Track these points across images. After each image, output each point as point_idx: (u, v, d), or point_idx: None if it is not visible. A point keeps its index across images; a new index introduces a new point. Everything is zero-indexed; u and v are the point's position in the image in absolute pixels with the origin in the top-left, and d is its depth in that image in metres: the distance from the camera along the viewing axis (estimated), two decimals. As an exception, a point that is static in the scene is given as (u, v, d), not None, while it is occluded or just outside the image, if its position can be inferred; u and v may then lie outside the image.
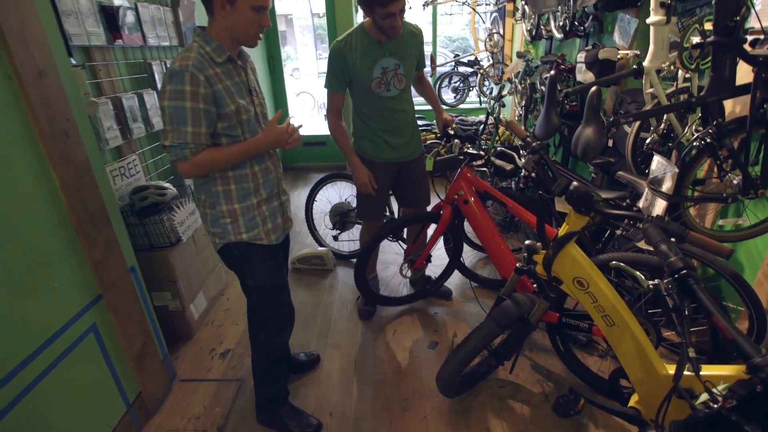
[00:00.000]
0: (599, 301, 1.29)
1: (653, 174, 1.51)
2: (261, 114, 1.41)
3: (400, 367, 2.00)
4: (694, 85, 1.66)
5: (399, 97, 1.96)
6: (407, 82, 1.96)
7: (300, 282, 2.74)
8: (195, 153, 1.23)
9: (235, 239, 1.39)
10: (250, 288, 1.49)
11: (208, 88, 1.19)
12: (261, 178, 1.39)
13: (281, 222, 1.50)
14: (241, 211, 1.37)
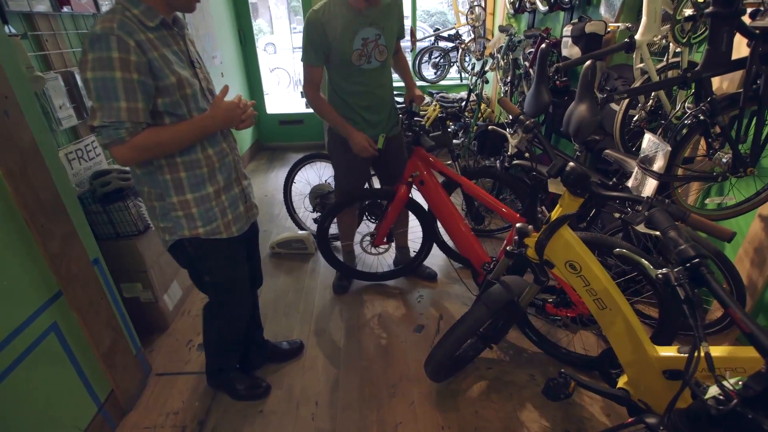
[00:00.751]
0: (592, 285, 1.26)
1: (644, 152, 1.47)
2: (207, 90, 1.25)
3: (386, 353, 1.97)
4: (685, 59, 1.62)
5: (379, 69, 1.85)
6: (388, 54, 1.84)
7: (280, 267, 2.65)
8: (133, 133, 1.04)
9: (190, 234, 1.25)
10: (207, 283, 1.40)
11: (141, 56, 1.01)
12: (216, 162, 1.24)
13: (243, 210, 1.37)
14: (195, 202, 1.23)
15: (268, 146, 4.98)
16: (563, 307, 1.69)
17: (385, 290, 2.40)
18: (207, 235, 1.27)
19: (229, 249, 1.35)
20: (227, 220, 1.30)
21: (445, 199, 1.89)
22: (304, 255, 2.75)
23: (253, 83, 4.60)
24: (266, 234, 3.04)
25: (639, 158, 1.50)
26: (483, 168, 2.71)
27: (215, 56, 3.63)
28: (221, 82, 3.76)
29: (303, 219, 2.99)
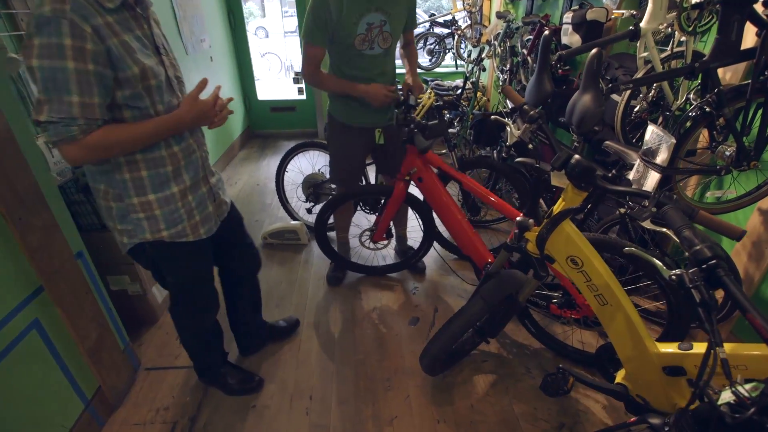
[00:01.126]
0: (593, 280, 1.23)
1: (647, 145, 1.43)
2: (175, 78, 1.14)
3: (381, 346, 1.94)
4: (689, 49, 1.58)
5: (382, 56, 1.78)
6: (393, 42, 1.77)
7: (273, 258, 2.60)
8: (87, 131, 0.92)
9: (152, 238, 1.16)
10: (169, 283, 1.35)
11: (99, 44, 0.89)
12: (182, 159, 1.14)
13: (212, 210, 1.29)
14: (158, 203, 1.13)
15: (260, 134, 4.87)
16: (567, 308, 1.67)
17: (380, 282, 2.37)
18: (172, 238, 1.18)
19: (195, 251, 1.27)
20: (194, 222, 1.22)
21: (446, 197, 1.84)
22: (297, 246, 2.70)
23: (243, 68, 4.47)
24: (258, 224, 2.98)
25: (641, 150, 1.46)
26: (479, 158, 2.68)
27: (204, 39, 3.50)
28: (210, 67, 3.64)
29: (296, 209, 2.92)
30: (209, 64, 3.63)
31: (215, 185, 1.31)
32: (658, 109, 1.82)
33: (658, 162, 1.38)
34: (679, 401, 1.22)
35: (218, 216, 1.34)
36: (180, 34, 3.06)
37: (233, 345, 1.89)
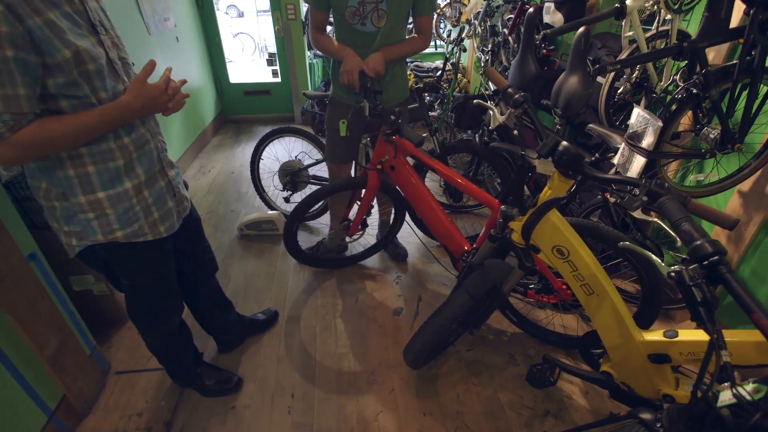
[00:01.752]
0: (579, 270, 1.20)
1: (633, 128, 1.40)
2: (119, 60, 1.01)
3: (364, 338, 1.90)
4: (675, 28, 1.53)
5: (373, 35, 1.66)
6: (390, 22, 1.64)
7: (249, 250, 2.50)
8: (15, 128, 0.81)
9: (105, 239, 1.06)
10: (125, 286, 1.24)
11: (17, 24, 0.76)
12: (134, 151, 1.03)
13: (173, 205, 1.18)
14: (109, 202, 1.02)
15: (233, 119, 4.67)
16: (545, 293, 1.65)
17: (362, 272, 2.31)
18: (128, 238, 1.08)
19: (155, 250, 1.17)
20: (153, 219, 1.12)
21: (420, 185, 1.76)
22: (276, 236, 2.60)
23: (213, 49, 4.24)
24: (234, 214, 2.86)
25: (627, 134, 1.42)
26: (461, 142, 2.61)
27: (168, 18, 3.28)
28: (176, 48, 3.42)
29: (273, 198, 2.82)
30: (175, 44, 3.41)
31: (174, 179, 1.20)
32: (641, 91, 1.79)
33: (644, 146, 1.35)
34: (664, 388, 1.21)
35: (179, 212, 1.24)
36: (141, 12, 2.84)
37: (211, 342, 1.81)
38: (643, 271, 1.44)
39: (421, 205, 1.80)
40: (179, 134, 3.41)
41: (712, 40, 1.23)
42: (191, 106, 3.71)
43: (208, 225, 2.73)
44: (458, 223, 2.71)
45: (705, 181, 1.57)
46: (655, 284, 1.44)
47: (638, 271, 1.46)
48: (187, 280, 1.50)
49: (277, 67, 4.44)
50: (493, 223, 1.70)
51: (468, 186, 1.68)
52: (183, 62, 3.55)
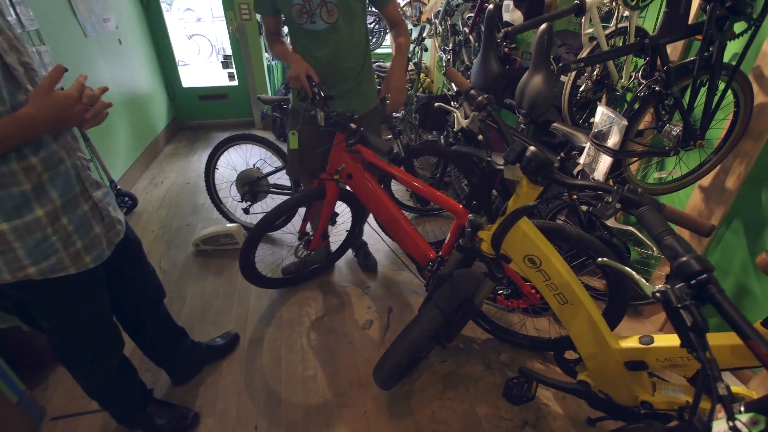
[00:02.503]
0: (552, 279, 1.14)
1: (597, 128, 1.36)
2: (20, 65, 0.87)
3: (333, 357, 1.78)
4: (633, 25, 1.51)
5: (327, 33, 1.54)
6: (343, 17, 1.52)
7: (207, 267, 2.33)
8: None
9: (13, 278, 0.91)
10: (46, 329, 1.08)
11: None
12: (44, 173, 0.88)
13: (100, 231, 1.03)
14: (15, 234, 0.87)
15: (189, 125, 4.42)
16: (514, 298, 1.59)
17: (329, 284, 2.20)
18: (44, 274, 0.94)
19: (81, 285, 1.02)
20: (75, 249, 0.97)
21: (379, 193, 1.66)
22: (235, 251, 2.44)
23: (162, 52, 3.99)
24: (189, 229, 2.67)
25: (592, 133, 1.39)
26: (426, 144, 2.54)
27: (108, 18, 3.03)
28: (119, 51, 3.18)
29: (231, 209, 2.65)
30: (117, 47, 3.17)
31: (101, 200, 1.05)
32: (602, 88, 1.77)
33: (610, 145, 1.31)
34: (642, 394, 1.18)
35: (110, 239, 1.08)
36: (74, 12, 2.60)
37: (163, 374, 1.65)
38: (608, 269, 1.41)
39: (382, 213, 1.71)
40: (126, 143, 3.17)
41: (672, 36, 1.21)
42: (139, 113, 3.46)
43: (161, 242, 2.53)
44: (426, 227, 2.66)
45: (668, 178, 1.57)
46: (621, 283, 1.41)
47: (603, 269, 1.43)
48: (129, 311, 1.34)
49: (234, 70, 4.24)
50: (457, 230, 1.63)
51: (430, 192, 1.60)
52: (127, 66, 3.30)
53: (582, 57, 1.41)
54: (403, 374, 1.61)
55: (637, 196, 0.83)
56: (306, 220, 1.98)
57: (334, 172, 1.65)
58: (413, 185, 1.59)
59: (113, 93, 3.02)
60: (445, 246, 1.66)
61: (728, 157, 1.47)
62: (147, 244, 2.51)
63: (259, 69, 4.07)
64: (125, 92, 3.22)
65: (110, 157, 2.88)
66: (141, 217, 2.79)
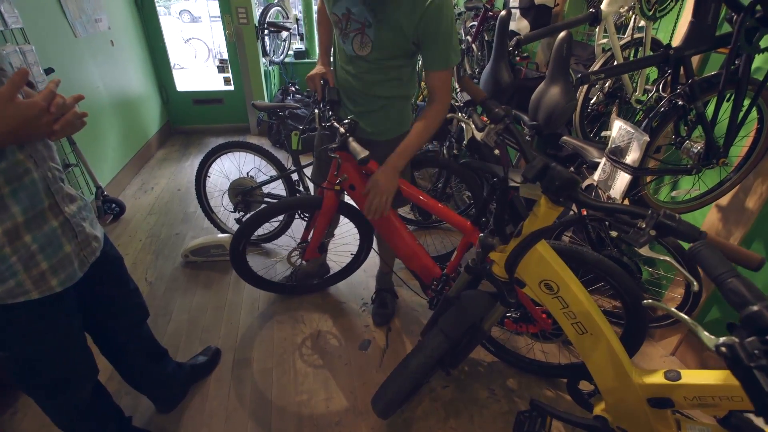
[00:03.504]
0: (571, 307, 1.05)
1: (614, 143, 1.28)
2: None
3: (328, 380, 1.67)
4: (648, 35, 1.45)
5: (356, 60, 1.39)
6: (375, 55, 1.33)
7: (196, 280, 2.21)
8: None
9: None
10: (2, 358, 0.96)
11: None
12: (4, 186, 0.78)
13: (72, 250, 0.93)
14: None
15: (182, 129, 4.31)
16: (524, 322, 1.50)
17: (324, 301, 2.09)
18: (1, 300, 0.84)
19: (46, 311, 0.91)
20: (39, 271, 0.86)
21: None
22: (226, 263, 2.32)
23: (156, 55, 3.89)
24: (179, 238, 2.55)
25: (608, 149, 1.31)
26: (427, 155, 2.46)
27: (100, 19, 2.93)
28: (111, 53, 3.07)
29: (223, 219, 2.54)
30: (109, 49, 3.06)
31: (75, 215, 0.94)
32: (613, 101, 1.70)
33: (629, 162, 1.23)
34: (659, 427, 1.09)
35: (86, 256, 0.97)
36: (63, 11, 2.50)
37: (143, 399, 1.52)
38: (626, 297, 1.32)
39: (386, 228, 1.61)
40: (116, 147, 3.05)
41: (698, 47, 1.14)
42: (131, 117, 3.35)
43: (148, 252, 2.41)
44: (427, 240, 2.56)
45: (684, 197, 1.49)
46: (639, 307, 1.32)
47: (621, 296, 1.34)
48: (107, 334, 1.22)
49: (230, 75, 4.15)
50: (464, 247, 1.54)
51: (437, 207, 1.51)
52: (119, 68, 3.19)
53: (603, 68, 1.33)
54: (403, 402, 1.50)
55: (675, 223, 0.74)
56: (309, 228, 1.88)
57: (335, 181, 1.55)
58: (419, 199, 1.49)
59: (103, 95, 2.91)
60: (450, 264, 1.56)
61: (749, 176, 1.40)
62: (133, 253, 2.39)
63: (256, 74, 3.98)
64: (116, 95, 3.11)
65: (98, 162, 2.76)
66: (128, 225, 2.66)
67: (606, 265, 1.27)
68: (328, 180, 1.58)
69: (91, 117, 2.80)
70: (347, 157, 1.42)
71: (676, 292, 1.76)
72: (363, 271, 2.27)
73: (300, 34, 4.49)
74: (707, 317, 1.69)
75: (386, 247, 1.88)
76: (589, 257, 1.29)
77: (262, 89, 4.07)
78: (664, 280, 1.85)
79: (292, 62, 4.41)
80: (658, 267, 1.89)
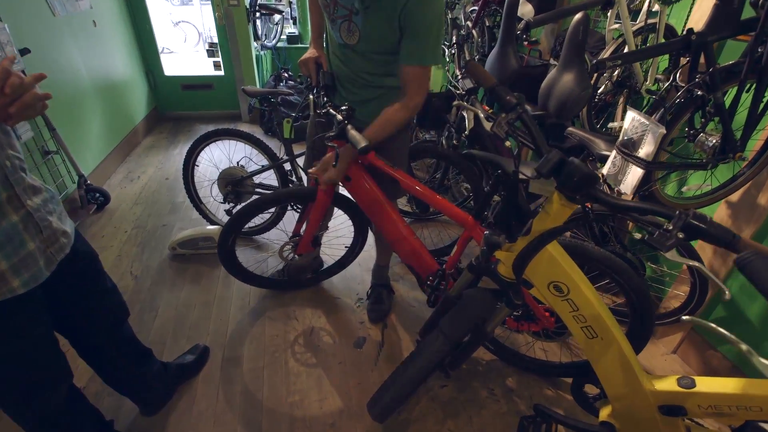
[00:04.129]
0: (581, 311, 0.99)
1: (627, 135, 1.21)
2: None
3: (321, 380, 1.61)
4: (662, 21, 1.37)
5: (346, 50, 1.32)
6: (362, 43, 1.26)
7: (184, 274, 2.12)
8: None
9: None
10: None
11: None
12: None
13: (36, 247, 0.85)
14: None
15: (170, 115, 4.16)
16: (526, 321, 1.44)
17: (318, 296, 2.02)
18: None
19: (7, 315, 0.83)
20: None
21: (379, 197, 1.49)
22: (215, 256, 2.23)
23: (143, 37, 3.72)
24: (166, 229, 2.45)
25: (619, 141, 1.24)
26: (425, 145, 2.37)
27: (81, -2, 2.78)
28: (93, 34, 2.92)
29: (213, 211, 2.44)
30: (92, 29, 2.91)
31: (39, 209, 0.85)
32: (621, 91, 1.62)
33: (642, 155, 1.16)
34: None
35: (52, 254, 0.89)
36: (40, -12, 2.35)
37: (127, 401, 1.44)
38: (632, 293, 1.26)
39: (383, 219, 1.53)
40: (100, 134, 2.92)
41: (721, 33, 1.06)
42: (116, 102, 3.21)
43: (134, 243, 2.31)
44: (424, 232, 2.49)
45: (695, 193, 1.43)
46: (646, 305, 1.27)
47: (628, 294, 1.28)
48: (82, 336, 1.14)
49: (220, 59, 4.00)
50: (465, 242, 1.47)
51: (436, 200, 1.43)
52: (102, 50, 3.04)
53: (619, 54, 1.25)
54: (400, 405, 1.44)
55: (706, 225, 0.68)
56: (301, 221, 1.79)
57: None
58: (417, 191, 1.42)
59: (85, 79, 2.77)
60: (450, 259, 1.49)
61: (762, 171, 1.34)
62: (118, 245, 2.29)
63: (247, 59, 3.84)
64: (99, 78, 2.96)
65: (81, 149, 2.64)
66: (113, 216, 2.56)
67: (612, 262, 1.21)
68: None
69: (73, 101, 2.69)
70: (344, 146, 1.34)
71: (680, 290, 1.72)
72: (358, 264, 2.20)
73: (293, 18, 4.34)
74: (712, 315, 1.65)
75: (383, 240, 1.81)
76: (594, 253, 1.23)
77: (253, 75, 3.93)
78: (667, 277, 1.81)
79: (285, 47, 4.26)
80: (661, 263, 1.84)
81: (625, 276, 1.19)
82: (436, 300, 1.54)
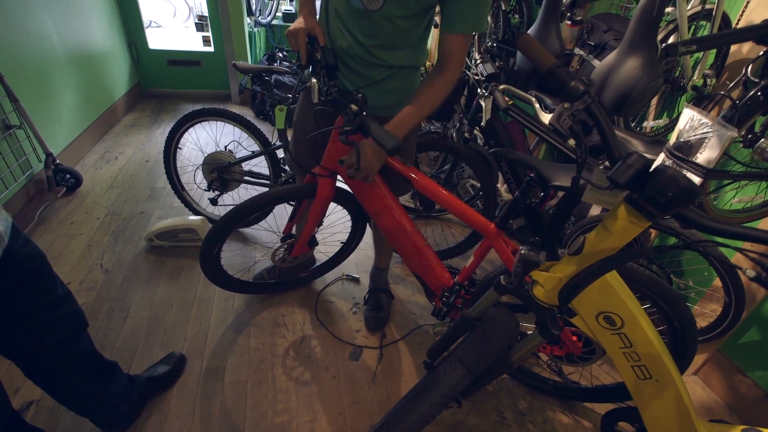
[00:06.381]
0: (636, 348, 0.82)
1: (682, 137, 1.03)
2: None
3: (312, 398, 1.43)
4: (720, 7, 1.19)
5: (361, 17, 1.09)
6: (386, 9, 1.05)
7: (161, 269, 1.91)
8: None
9: None
10: None
11: None
12: None
13: None
14: None
15: (154, 93, 3.87)
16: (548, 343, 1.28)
17: (309, 299, 1.83)
18: None
19: None
20: None
21: (387, 198, 1.29)
22: (196, 250, 2.02)
23: (125, 7, 3.42)
24: (143, 217, 2.23)
25: (672, 143, 1.06)
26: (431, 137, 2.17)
27: (53, -45, 2.48)
28: (69, 3, 2.63)
29: (196, 199, 2.22)
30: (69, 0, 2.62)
31: None
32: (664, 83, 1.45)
33: (702, 161, 0.99)
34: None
35: None
36: (4, -61, 2.06)
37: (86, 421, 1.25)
38: (677, 322, 1.11)
39: (389, 222, 1.34)
40: (73, 109, 2.65)
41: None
42: (93, 75, 2.93)
43: (106, 232, 2.08)
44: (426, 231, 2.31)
45: (744, 205, 1.27)
46: (691, 338, 1.11)
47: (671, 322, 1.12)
48: (30, 354, 0.94)
49: (209, 34, 3.71)
50: (485, 252, 1.29)
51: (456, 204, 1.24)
52: (78, 18, 2.75)
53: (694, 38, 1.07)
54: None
55: None
56: (293, 220, 1.59)
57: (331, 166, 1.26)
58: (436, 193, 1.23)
59: (57, 47, 2.49)
60: (464, 271, 1.32)
61: (823, 184, 1.18)
62: (88, 233, 2.06)
63: (239, 35, 3.57)
64: (74, 48, 2.68)
65: (50, 124, 2.38)
66: (84, 200, 2.31)
67: (661, 287, 1.04)
68: (323, 165, 1.29)
69: (41, 71, 2.40)
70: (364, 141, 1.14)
71: (708, 308, 1.57)
72: (355, 265, 2.02)
73: (290, -6, 4.06)
74: (743, 338, 1.51)
75: (383, 240, 1.63)
76: (639, 275, 1.06)
77: (245, 52, 3.66)
78: (692, 293, 1.66)
79: (280, 25, 3.98)
80: (686, 278, 1.69)
81: (672, 304, 1.03)
82: (446, 314, 1.37)
